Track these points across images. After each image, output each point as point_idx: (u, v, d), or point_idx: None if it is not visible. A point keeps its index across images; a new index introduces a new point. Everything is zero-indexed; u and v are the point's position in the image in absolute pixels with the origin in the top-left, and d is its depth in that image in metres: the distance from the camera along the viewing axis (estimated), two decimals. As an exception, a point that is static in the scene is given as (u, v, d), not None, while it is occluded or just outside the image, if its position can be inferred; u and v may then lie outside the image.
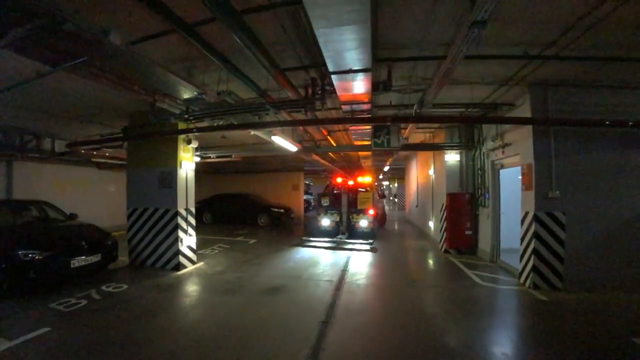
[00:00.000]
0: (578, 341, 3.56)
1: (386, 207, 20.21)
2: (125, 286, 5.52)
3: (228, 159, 9.95)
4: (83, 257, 5.55)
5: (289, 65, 4.06)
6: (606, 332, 3.76)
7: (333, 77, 3.49)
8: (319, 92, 4.16)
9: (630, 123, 4.80)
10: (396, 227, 14.51)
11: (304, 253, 8.42)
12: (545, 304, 4.66)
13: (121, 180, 9.34)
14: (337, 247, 9.19)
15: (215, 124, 5.52)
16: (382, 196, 16.06)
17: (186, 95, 4.66)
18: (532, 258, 5.31)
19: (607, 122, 4.86)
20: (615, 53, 4.05)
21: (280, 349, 3.43)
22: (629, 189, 5.21)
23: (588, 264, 5.18)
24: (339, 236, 9.84)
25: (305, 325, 3.97)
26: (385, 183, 34.74)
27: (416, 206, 13.33)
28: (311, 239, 9.77)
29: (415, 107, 4.87)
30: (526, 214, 5.55)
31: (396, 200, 29.90)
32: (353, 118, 4.74)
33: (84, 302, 4.76)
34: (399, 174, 25.34)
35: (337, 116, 5.43)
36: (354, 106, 4.55)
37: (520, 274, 5.68)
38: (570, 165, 5.28)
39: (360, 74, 3.39)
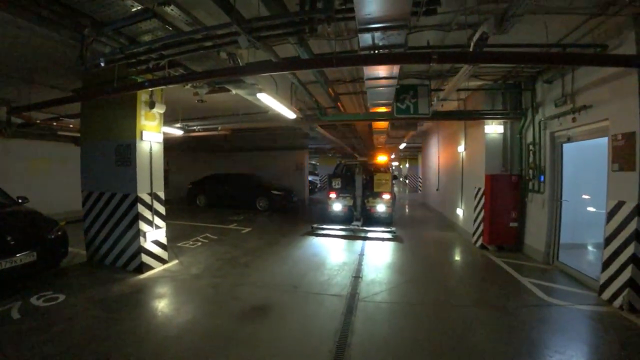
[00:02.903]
0: None
1: (395, 189, 18.71)
2: (62, 297, 4.15)
3: (216, 132, 8.28)
4: (9, 257, 4.22)
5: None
6: None
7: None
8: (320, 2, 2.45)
9: None
10: (412, 213, 12.84)
11: (307, 246, 6.89)
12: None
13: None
14: (354, 235, 7.93)
15: (174, 73, 3.87)
16: (394, 177, 14.66)
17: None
18: (628, 268, 3.68)
19: None
20: None
21: None
22: None
23: None
24: (355, 223, 8.51)
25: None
26: (395, 164, 32.78)
27: (437, 189, 11.61)
28: (323, 226, 8.41)
29: (477, 35, 3.06)
30: (619, 204, 3.87)
31: (407, 181, 28.09)
32: (378, 55, 2.95)
33: (-5, 324, 3.43)
34: (411, 153, 23.69)
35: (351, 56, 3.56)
36: (378, 35, 2.77)
37: (603, 287, 4.07)
38: (698, 133, 3.55)
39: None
